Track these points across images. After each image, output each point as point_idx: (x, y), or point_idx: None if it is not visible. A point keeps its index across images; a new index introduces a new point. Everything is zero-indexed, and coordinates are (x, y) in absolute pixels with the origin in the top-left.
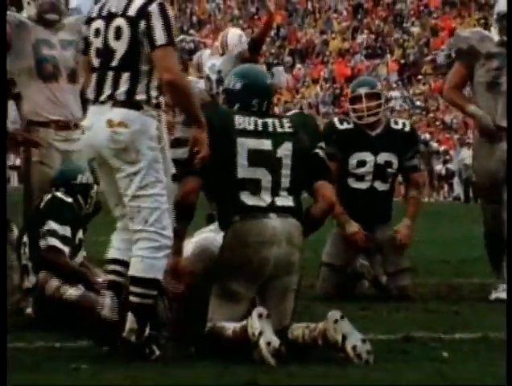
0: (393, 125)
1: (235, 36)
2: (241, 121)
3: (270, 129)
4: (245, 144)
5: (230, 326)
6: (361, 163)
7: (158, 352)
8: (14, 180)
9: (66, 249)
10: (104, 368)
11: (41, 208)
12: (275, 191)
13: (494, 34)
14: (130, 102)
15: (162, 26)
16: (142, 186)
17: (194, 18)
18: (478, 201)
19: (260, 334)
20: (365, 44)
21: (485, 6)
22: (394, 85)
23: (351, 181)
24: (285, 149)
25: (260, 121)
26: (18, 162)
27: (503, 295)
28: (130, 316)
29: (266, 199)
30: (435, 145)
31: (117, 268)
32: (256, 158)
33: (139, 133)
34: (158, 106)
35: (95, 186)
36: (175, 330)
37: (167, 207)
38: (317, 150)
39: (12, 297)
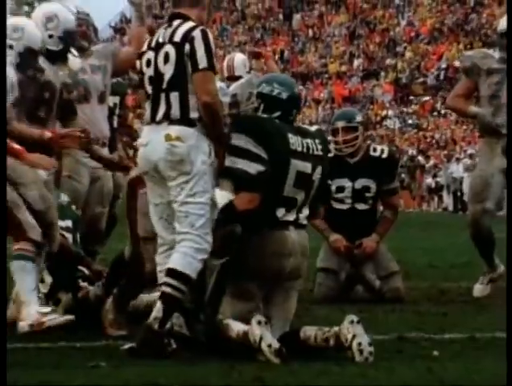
0: (371, 152)
1: (240, 60)
2: (293, 142)
3: (310, 151)
4: (295, 166)
5: (235, 328)
6: (340, 189)
7: (174, 346)
8: None
9: (68, 235)
10: (120, 366)
11: None
12: (301, 209)
13: (496, 51)
14: (184, 120)
15: (204, 51)
16: (191, 194)
17: None
18: (466, 212)
19: (261, 339)
20: (361, 68)
21: (470, 33)
22: (388, 105)
23: (333, 203)
24: (318, 173)
25: (305, 143)
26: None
27: (483, 291)
28: (158, 304)
29: (293, 214)
30: (421, 159)
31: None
32: (300, 179)
33: (194, 147)
34: None
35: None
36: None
37: (210, 217)
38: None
39: None
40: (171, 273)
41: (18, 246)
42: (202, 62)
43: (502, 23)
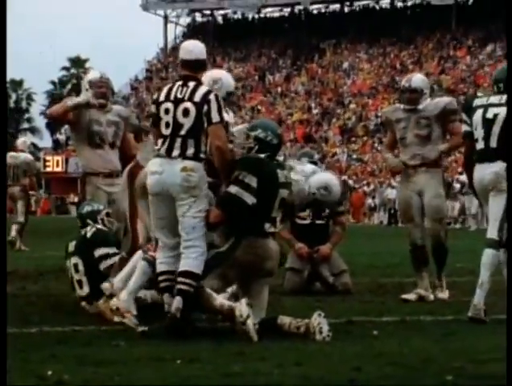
0: None
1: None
2: (280, 175)
3: (287, 179)
4: (280, 194)
5: (218, 299)
6: (302, 209)
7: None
8: (73, 212)
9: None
10: (136, 345)
11: (88, 237)
12: (276, 223)
13: (402, 105)
14: (196, 157)
15: (216, 110)
16: (198, 210)
17: None
18: (397, 224)
19: (248, 317)
20: (318, 116)
21: (398, 90)
22: (338, 144)
23: (297, 220)
24: (289, 195)
25: (284, 174)
26: (76, 199)
27: (411, 296)
28: (178, 298)
29: (273, 228)
30: (351, 182)
31: (170, 277)
32: (281, 203)
33: (201, 177)
34: None
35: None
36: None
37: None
38: None
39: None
40: (186, 274)
41: (152, 254)
42: (215, 118)
43: (403, 82)
